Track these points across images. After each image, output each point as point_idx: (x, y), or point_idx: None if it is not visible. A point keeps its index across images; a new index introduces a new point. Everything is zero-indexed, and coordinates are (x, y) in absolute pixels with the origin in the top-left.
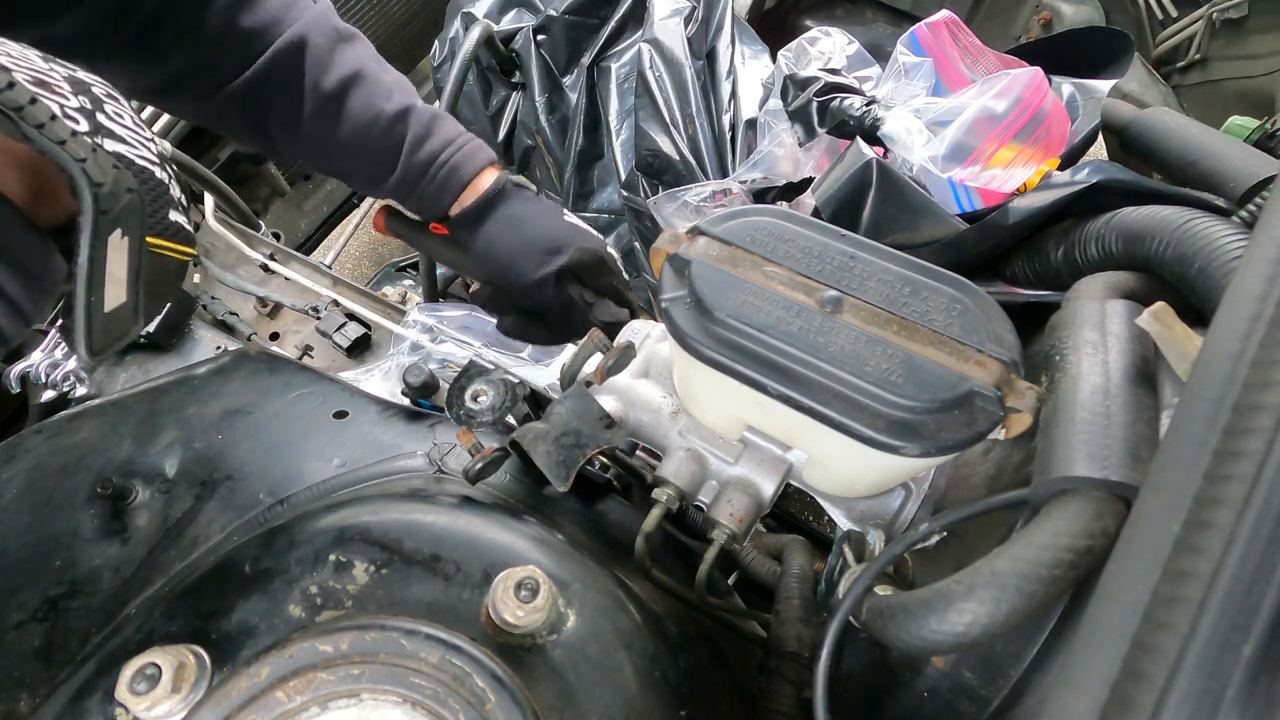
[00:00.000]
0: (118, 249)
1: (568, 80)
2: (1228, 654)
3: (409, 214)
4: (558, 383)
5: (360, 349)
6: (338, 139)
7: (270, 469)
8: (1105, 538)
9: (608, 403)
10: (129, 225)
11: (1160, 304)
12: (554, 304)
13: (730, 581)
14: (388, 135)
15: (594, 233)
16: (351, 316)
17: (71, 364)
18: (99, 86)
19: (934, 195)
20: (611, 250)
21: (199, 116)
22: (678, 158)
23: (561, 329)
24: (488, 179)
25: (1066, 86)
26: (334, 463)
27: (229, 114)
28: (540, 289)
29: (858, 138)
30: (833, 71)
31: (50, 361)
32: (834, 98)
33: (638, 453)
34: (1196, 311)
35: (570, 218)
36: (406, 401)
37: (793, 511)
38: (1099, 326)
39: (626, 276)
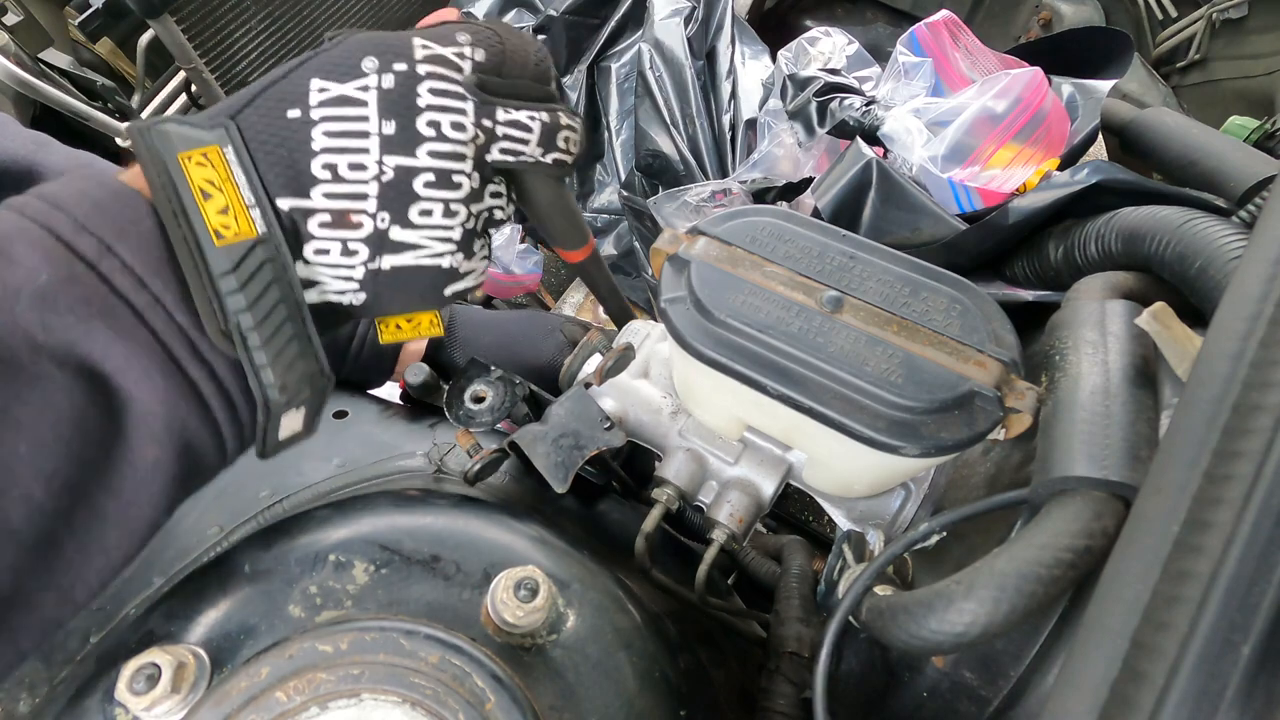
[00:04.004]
0: None
1: (568, 80)
2: (1227, 654)
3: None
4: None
5: None
6: None
7: (270, 469)
8: (1105, 538)
9: (607, 403)
10: None
11: (1160, 304)
12: None
13: (730, 581)
14: None
15: None
16: None
17: None
18: None
19: (934, 195)
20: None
21: None
22: (678, 158)
23: None
24: None
25: (1066, 86)
26: (334, 462)
27: None
28: None
29: (858, 138)
30: (833, 71)
31: None
32: (834, 98)
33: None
34: (1196, 311)
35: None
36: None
37: (793, 511)
38: (1099, 326)
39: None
